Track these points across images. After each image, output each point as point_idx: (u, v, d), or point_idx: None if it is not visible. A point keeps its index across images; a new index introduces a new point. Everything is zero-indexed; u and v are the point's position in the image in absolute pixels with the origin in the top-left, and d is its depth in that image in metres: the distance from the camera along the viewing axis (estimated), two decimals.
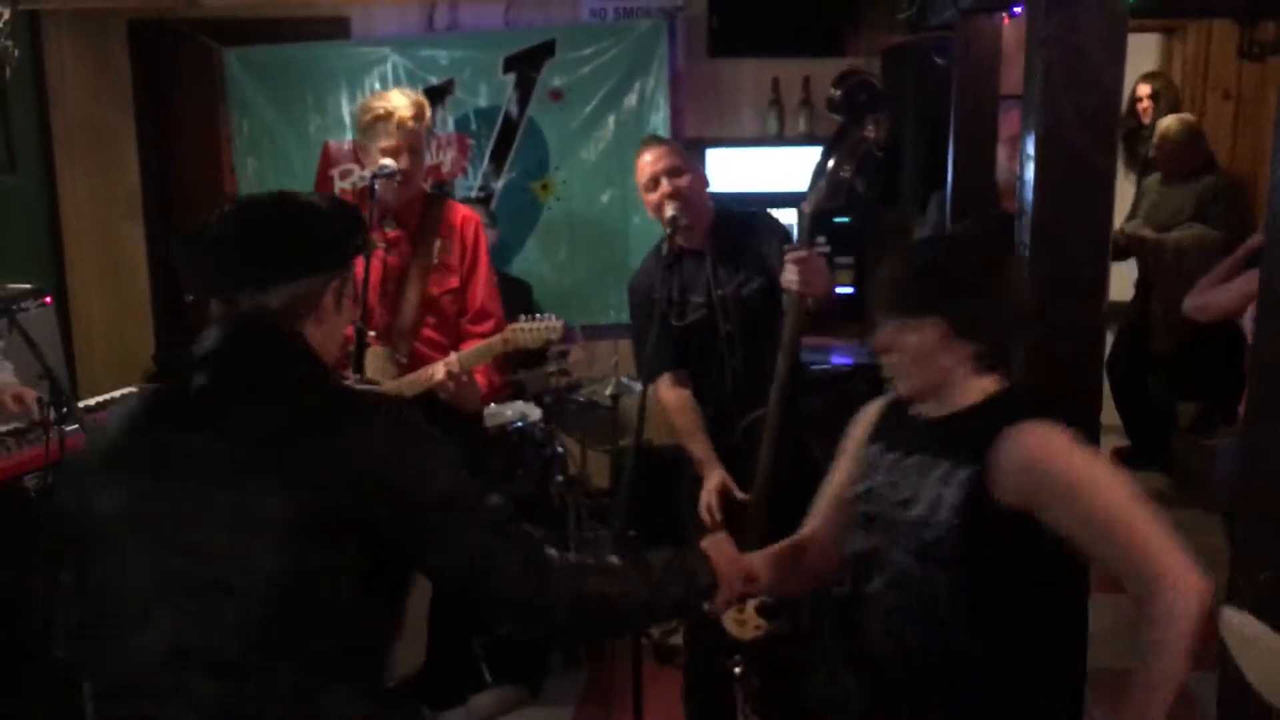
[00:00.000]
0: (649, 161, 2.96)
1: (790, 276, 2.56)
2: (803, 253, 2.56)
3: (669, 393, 3.02)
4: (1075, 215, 2.15)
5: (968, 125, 3.39)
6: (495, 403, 3.93)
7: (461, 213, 3.30)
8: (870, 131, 2.56)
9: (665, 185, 2.91)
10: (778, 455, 2.56)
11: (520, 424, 3.94)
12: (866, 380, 4.29)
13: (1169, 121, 5.09)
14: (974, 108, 3.38)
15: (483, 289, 3.26)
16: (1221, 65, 5.64)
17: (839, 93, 2.61)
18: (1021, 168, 2.25)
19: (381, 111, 3.09)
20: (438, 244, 3.20)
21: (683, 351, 3.02)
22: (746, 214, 3.11)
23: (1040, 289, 2.18)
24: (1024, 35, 2.29)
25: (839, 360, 4.33)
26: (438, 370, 3.05)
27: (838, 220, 4.54)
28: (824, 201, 2.55)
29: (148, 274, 5.33)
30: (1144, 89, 5.67)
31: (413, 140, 3.09)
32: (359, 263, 2.93)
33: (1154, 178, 5.17)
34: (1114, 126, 2.19)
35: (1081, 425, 2.25)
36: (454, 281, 3.22)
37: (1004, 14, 3.32)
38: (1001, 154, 3.56)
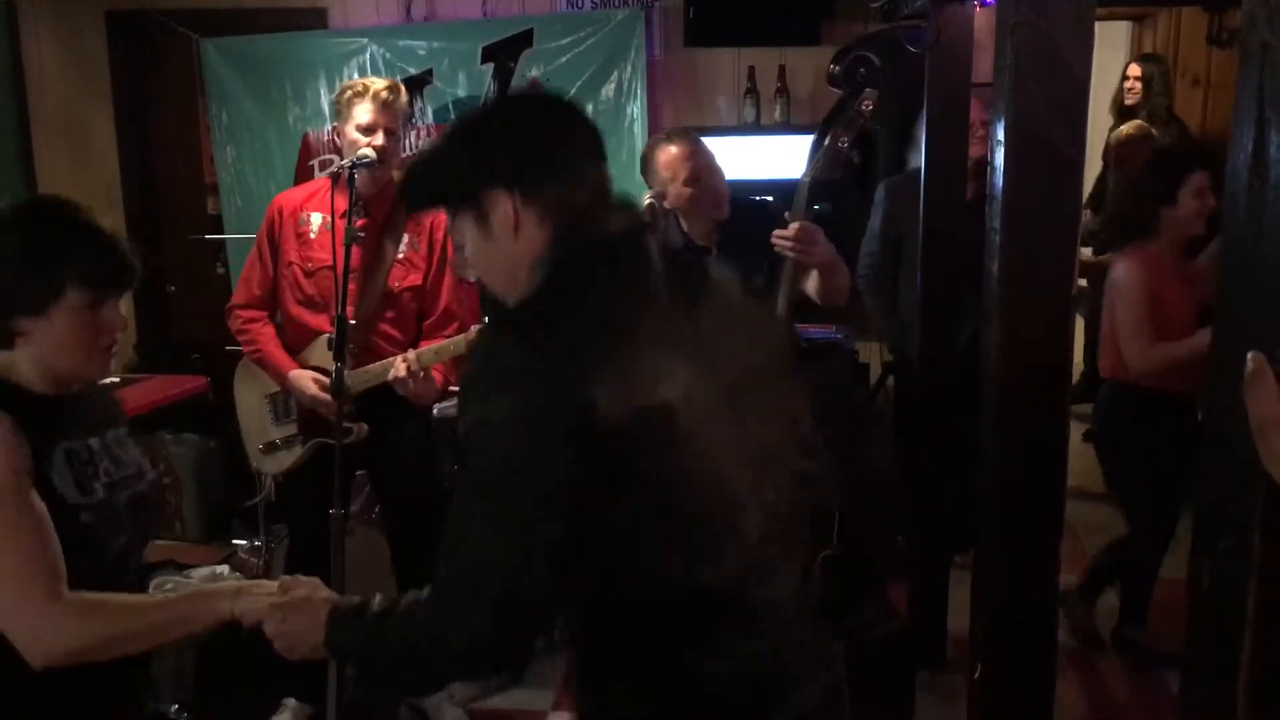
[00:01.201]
0: (685, 155, 2.99)
1: (784, 243, 2.62)
2: (802, 222, 2.63)
3: None
4: (1044, 201, 2.19)
5: (941, 112, 3.43)
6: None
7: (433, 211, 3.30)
8: (867, 106, 2.64)
9: (709, 182, 2.97)
10: None
11: None
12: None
13: (1125, 128, 5.14)
14: (947, 95, 3.42)
15: (447, 291, 3.25)
16: (1191, 52, 5.70)
17: (839, 68, 2.68)
18: (992, 154, 2.28)
19: (359, 88, 3.12)
20: (405, 239, 3.21)
21: None
22: (756, 204, 3.14)
23: (1009, 273, 2.22)
24: (994, 23, 2.32)
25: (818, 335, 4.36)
26: (397, 367, 3.07)
27: (815, 207, 4.57)
28: (823, 172, 2.63)
29: None
30: (1135, 70, 5.60)
31: (388, 119, 3.10)
32: (339, 251, 2.95)
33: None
34: (1083, 113, 2.23)
35: (1049, 409, 2.31)
36: (416, 278, 3.21)
37: (976, 2, 3.36)
38: (971, 139, 3.61)
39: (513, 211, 1.42)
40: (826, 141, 2.62)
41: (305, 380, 3.16)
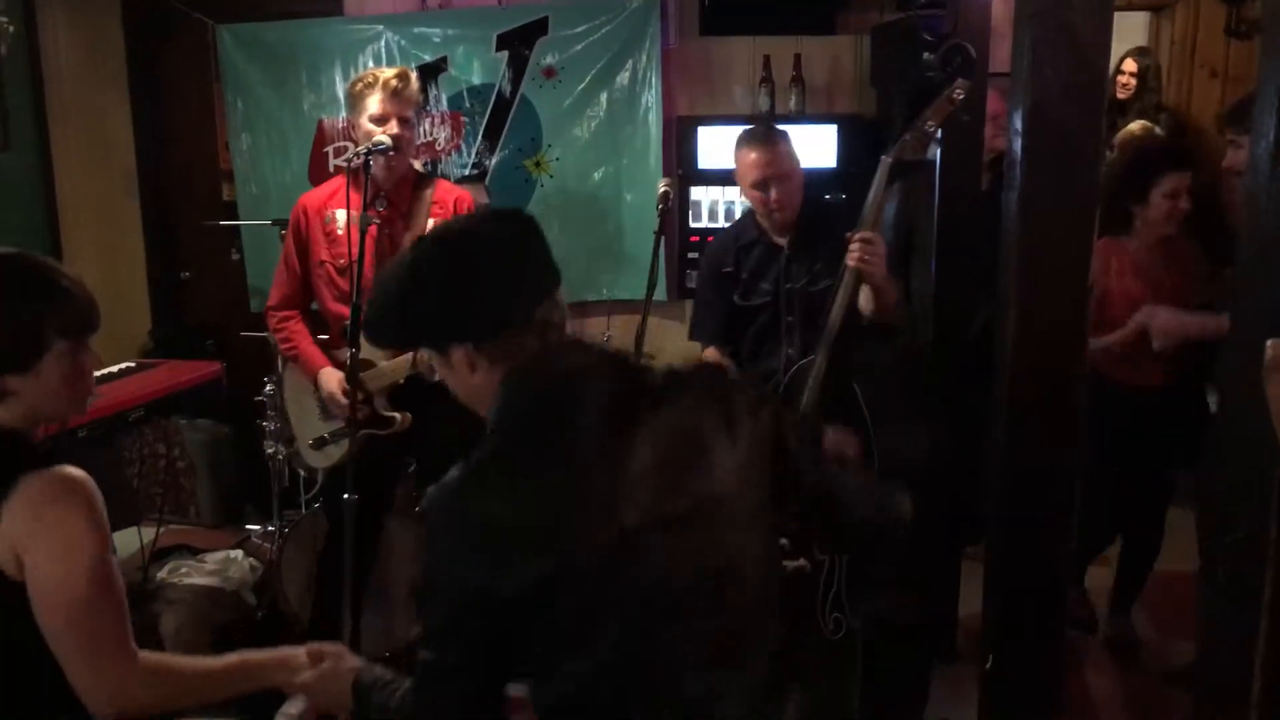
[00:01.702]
0: (756, 162, 3.06)
1: (853, 251, 2.69)
2: (869, 234, 2.69)
3: (712, 358, 3.16)
4: (1061, 191, 2.18)
5: None
6: None
7: (454, 192, 3.31)
8: (958, 94, 2.70)
9: (775, 192, 3.04)
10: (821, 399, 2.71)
11: None
12: None
13: (1132, 126, 5.09)
14: None
15: None
16: (1209, 44, 5.66)
17: (934, 56, 2.75)
18: (1009, 144, 2.28)
19: (369, 79, 3.14)
20: (430, 222, 3.23)
21: (741, 327, 3.13)
22: (832, 207, 3.19)
23: (1025, 263, 2.21)
24: (1013, 11, 2.32)
25: None
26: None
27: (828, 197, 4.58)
28: (908, 153, 2.69)
29: (144, 250, 5.35)
30: (1129, 65, 5.52)
31: (399, 107, 3.12)
32: (354, 240, 2.97)
33: None
34: (1101, 103, 2.22)
35: (1062, 399, 2.30)
36: None
37: None
38: (986, 131, 3.59)
39: (466, 357, 1.55)
40: (915, 124, 2.69)
41: (330, 381, 3.22)
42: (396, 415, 3.20)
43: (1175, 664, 3.58)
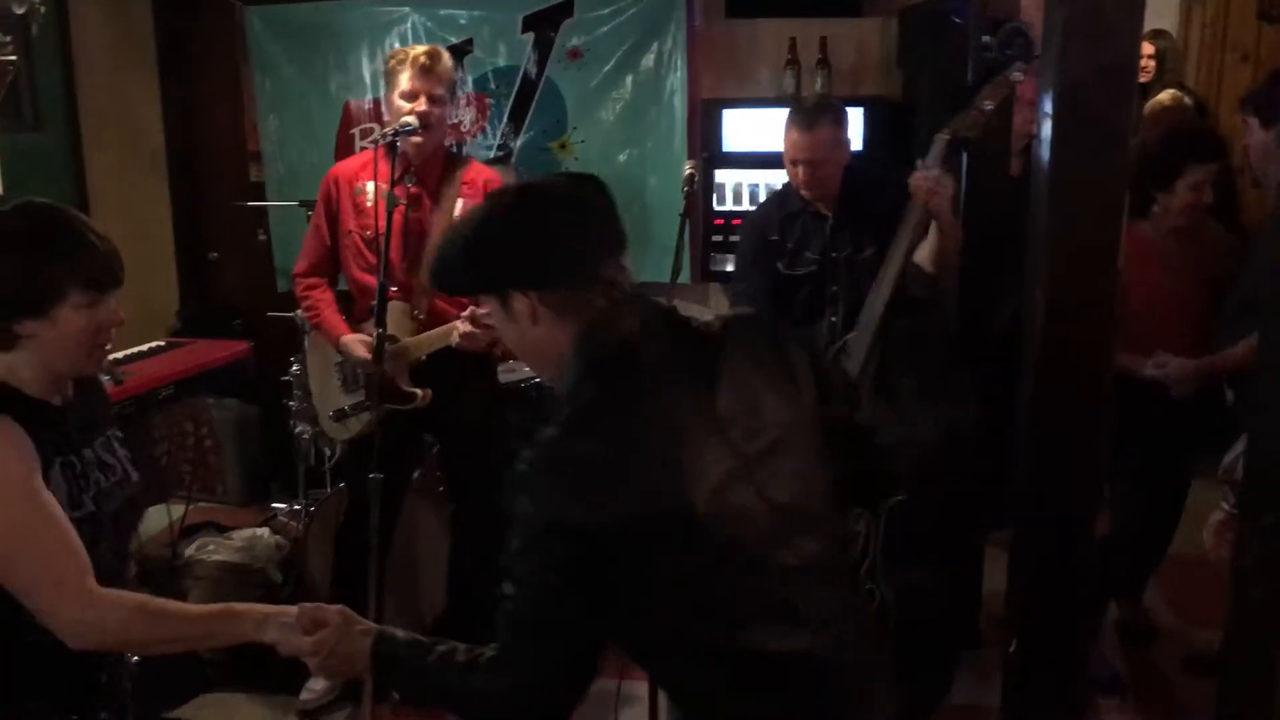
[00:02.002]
0: (794, 141, 3.11)
1: (918, 182, 2.74)
2: (935, 170, 2.75)
3: None
4: (1091, 174, 2.17)
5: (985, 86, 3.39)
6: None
7: (485, 173, 3.34)
8: (1016, 76, 2.75)
9: (802, 173, 3.11)
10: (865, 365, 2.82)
11: (538, 379, 4.00)
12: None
13: (1162, 96, 5.03)
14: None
15: None
16: (1240, 28, 5.60)
17: (994, 39, 2.82)
18: (1039, 126, 2.26)
19: (402, 55, 3.18)
20: (460, 202, 3.25)
21: (784, 296, 3.16)
22: (879, 179, 3.22)
23: (1054, 247, 2.20)
24: None
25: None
26: (457, 329, 3.12)
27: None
28: (964, 130, 2.75)
29: (172, 231, 5.39)
30: (1146, 47, 5.28)
31: (429, 85, 3.14)
32: (381, 217, 2.99)
33: None
34: (1132, 85, 2.21)
35: (1093, 384, 2.29)
36: None
37: None
38: (1017, 117, 3.57)
39: (529, 307, 1.54)
40: (973, 102, 2.75)
41: (354, 345, 3.25)
42: (417, 391, 3.23)
43: (1196, 651, 3.56)
